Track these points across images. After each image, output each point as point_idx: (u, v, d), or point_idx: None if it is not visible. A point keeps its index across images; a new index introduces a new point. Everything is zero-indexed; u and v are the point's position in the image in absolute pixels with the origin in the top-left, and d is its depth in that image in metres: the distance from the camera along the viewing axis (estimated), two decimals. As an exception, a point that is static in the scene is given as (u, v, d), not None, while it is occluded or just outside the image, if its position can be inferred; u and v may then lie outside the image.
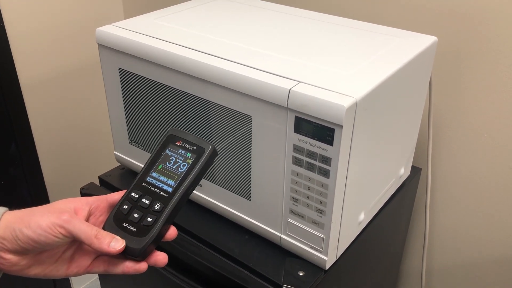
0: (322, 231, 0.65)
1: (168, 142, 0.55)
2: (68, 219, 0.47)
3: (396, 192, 0.85)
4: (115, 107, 0.83)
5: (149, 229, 0.50)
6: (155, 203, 0.51)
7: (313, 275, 0.67)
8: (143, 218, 0.51)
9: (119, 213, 0.52)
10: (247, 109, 0.64)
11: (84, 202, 0.52)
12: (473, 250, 1.00)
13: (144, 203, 0.51)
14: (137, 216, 0.51)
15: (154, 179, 0.53)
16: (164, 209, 0.51)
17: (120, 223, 0.51)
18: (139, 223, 0.51)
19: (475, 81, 0.87)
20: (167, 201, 0.51)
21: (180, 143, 0.54)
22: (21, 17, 1.17)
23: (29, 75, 1.23)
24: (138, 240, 0.50)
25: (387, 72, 0.63)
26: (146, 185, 0.53)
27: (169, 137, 0.55)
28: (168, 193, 0.51)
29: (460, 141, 0.93)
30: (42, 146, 1.32)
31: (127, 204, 0.52)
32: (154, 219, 0.50)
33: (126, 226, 0.51)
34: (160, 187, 0.52)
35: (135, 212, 0.51)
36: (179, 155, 0.53)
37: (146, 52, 0.71)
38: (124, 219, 0.51)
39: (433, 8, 0.87)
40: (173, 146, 0.54)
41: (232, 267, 0.71)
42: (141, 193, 0.52)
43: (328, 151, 0.58)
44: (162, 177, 0.53)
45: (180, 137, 0.54)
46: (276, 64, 0.65)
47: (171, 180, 0.52)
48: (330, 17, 0.84)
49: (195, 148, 0.53)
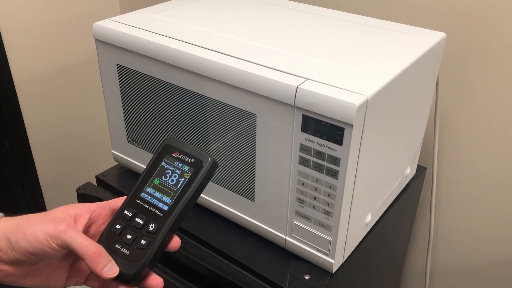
0: (329, 234, 0.63)
1: (164, 152, 0.50)
2: (64, 229, 0.44)
3: (401, 192, 0.84)
4: (113, 105, 0.80)
5: (143, 252, 0.46)
6: (149, 224, 0.47)
7: (319, 279, 0.65)
8: (137, 240, 0.47)
9: (111, 233, 0.48)
10: (252, 107, 0.61)
11: (86, 208, 0.49)
12: (478, 251, 0.99)
13: (138, 223, 0.47)
14: (130, 238, 0.47)
15: (148, 195, 0.49)
16: (159, 230, 0.47)
17: (112, 245, 0.47)
18: (133, 246, 0.47)
19: (482, 79, 0.86)
20: (162, 222, 0.47)
21: (177, 154, 0.49)
22: (15, 12, 1.14)
23: (23, 71, 1.20)
24: (132, 264, 0.46)
25: (397, 69, 0.61)
26: (140, 202, 0.49)
27: (165, 147, 0.50)
28: (163, 212, 0.47)
29: (466, 140, 0.92)
30: (36, 144, 1.29)
31: (119, 223, 0.48)
32: (149, 241, 0.46)
33: (118, 248, 0.47)
34: (155, 205, 0.48)
35: (128, 232, 0.47)
36: (175, 168, 0.49)
37: (146, 48, 0.69)
38: (117, 241, 0.47)
39: (441, 4, 0.85)
40: (170, 158, 0.50)
41: (235, 270, 0.69)
42: (134, 211, 0.48)
43: (337, 151, 0.56)
44: (157, 193, 0.49)
45: (177, 148, 0.50)
46: (283, 60, 0.62)
47: (166, 197, 0.48)
48: (338, 13, 0.82)
49: (193, 161, 0.48)
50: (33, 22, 1.18)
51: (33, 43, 1.20)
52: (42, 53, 1.23)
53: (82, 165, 1.44)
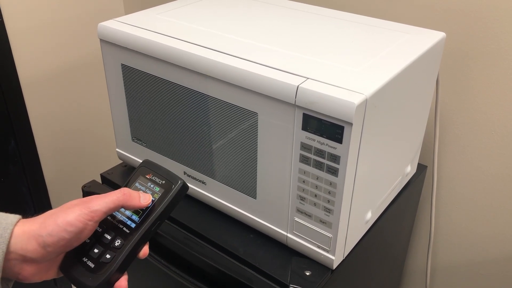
0: (330, 230, 0.64)
1: (139, 174, 0.52)
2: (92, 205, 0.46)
3: (402, 190, 0.84)
4: (118, 104, 0.81)
5: (106, 266, 0.48)
6: (116, 239, 0.49)
7: (320, 275, 0.66)
8: (102, 254, 0.48)
9: (81, 246, 0.49)
10: (253, 106, 0.63)
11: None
12: (478, 248, 0.99)
13: (106, 238, 0.49)
14: (97, 252, 0.49)
15: (119, 213, 0.51)
16: (124, 246, 0.48)
17: (80, 257, 0.49)
18: (98, 259, 0.48)
19: (482, 78, 0.86)
20: (128, 238, 0.48)
21: (150, 176, 0.52)
22: (21, 13, 1.16)
23: (29, 71, 1.22)
24: (94, 277, 0.47)
25: (396, 68, 0.62)
26: (111, 218, 0.50)
27: (140, 169, 0.53)
28: (130, 229, 0.49)
29: (466, 138, 0.92)
30: (42, 143, 1.30)
31: (90, 238, 0.49)
32: (113, 256, 0.48)
33: (85, 262, 0.49)
34: (124, 222, 0.50)
35: (96, 247, 0.49)
36: (147, 189, 0.51)
37: (150, 48, 0.70)
38: (84, 254, 0.49)
39: (441, 4, 0.86)
40: (143, 179, 0.52)
41: (237, 266, 0.70)
42: (104, 226, 0.50)
43: (337, 149, 0.57)
44: (128, 212, 0.50)
45: (151, 170, 0.52)
46: (284, 60, 0.63)
47: (135, 216, 0.50)
48: (338, 13, 0.83)
49: (164, 183, 0.50)
50: (38, 22, 1.20)
51: (39, 43, 1.21)
52: (47, 53, 1.24)
53: (86, 163, 1.46)
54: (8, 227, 0.45)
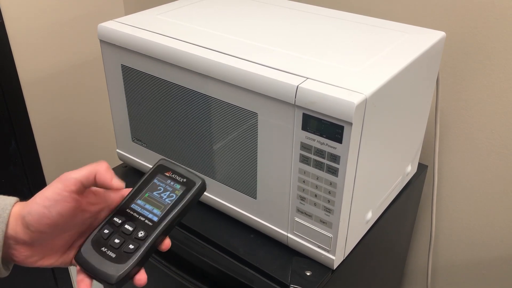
0: (330, 230, 0.64)
1: (157, 171, 0.53)
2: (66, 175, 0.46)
3: (402, 189, 0.84)
4: (118, 105, 0.81)
5: (130, 256, 0.48)
6: (139, 230, 0.49)
7: (320, 275, 0.66)
8: (125, 244, 0.49)
9: (98, 236, 0.50)
10: (253, 106, 0.63)
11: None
12: (479, 248, 0.99)
13: (127, 229, 0.50)
14: (118, 242, 0.49)
15: (139, 207, 0.51)
16: (148, 237, 0.49)
17: (98, 248, 0.49)
18: (120, 249, 0.49)
19: (482, 77, 0.86)
20: (151, 230, 0.49)
21: (169, 173, 0.53)
22: (21, 13, 1.16)
23: (29, 71, 1.22)
24: (117, 266, 0.48)
25: (396, 68, 0.62)
26: (130, 211, 0.51)
27: (158, 167, 0.53)
28: (153, 222, 0.50)
29: (467, 138, 0.92)
30: (42, 143, 1.30)
31: (108, 228, 0.50)
32: (136, 246, 0.48)
33: (105, 251, 0.49)
34: (145, 215, 0.50)
35: (116, 237, 0.49)
36: (167, 186, 0.52)
37: (150, 48, 0.70)
38: (104, 244, 0.49)
39: (441, 3, 0.86)
40: (162, 176, 0.53)
41: (238, 266, 0.70)
42: (124, 219, 0.50)
43: (337, 149, 0.57)
44: (148, 205, 0.51)
45: (170, 168, 0.53)
46: (283, 60, 0.63)
47: (157, 210, 0.51)
48: (338, 13, 0.83)
49: (185, 181, 0.52)
50: (38, 23, 1.20)
51: (39, 44, 1.22)
52: (47, 54, 1.24)
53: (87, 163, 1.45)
54: (7, 208, 0.46)
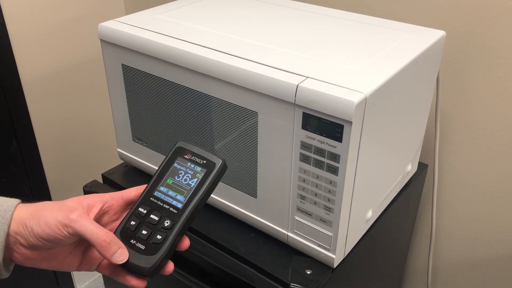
0: (330, 229, 0.64)
1: (176, 154, 0.53)
2: (75, 219, 0.46)
3: (403, 188, 0.84)
4: (118, 104, 0.82)
5: (159, 247, 0.48)
6: (164, 220, 0.49)
7: (321, 274, 0.66)
8: (152, 235, 0.49)
9: (126, 229, 0.50)
10: (253, 105, 0.63)
11: (99, 199, 0.51)
12: (480, 247, 0.99)
13: (153, 219, 0.49)
14: (145, 233, 0.49)
15: (162, 194, 0.51)
16: (174, 226, 0.49)
17: (127, 240, 0.49)
18: (148, 241, 0.49)
19: (482, 76, 0.86)
20: (177, 218, 0.49)
21: (189, 156, 0.52)
22: (22, 13, 1.16)
23: (30, 71, 1.22)
24: (148, 258, 0.48)
25: (396, 67, 0.62)
26: (154, 200, 0.51)
27: (177, 150, 0.53)
28: (178, 209, 0.49)
29: (467, 137, 0.92)
30: (43, 143, 1.31)
31: (134, 220, 0.50)
32: (164, 236, 0.48)
33: (134, 244, 0.49)
34: (169, 203, 0.50)
35: (144, 228, 0.49)
36: (188, 169, 0.51)
37: (150, 48, 0.70)
38: (132, 236, 0.49)
39: (441, 2, 0.86)
40: (182, 160, 0.52)
41: (238, 265, 0.70)
42: (149, 208, 0.50)
43: (336, 148, 0.57)
44: (171, 192, 0.51)
45: (189, 150, 0.52)
46: (283, 59, 0.64)
47: (180, 196, 0.50)
48: (338, 12, 0.83)
49: (205, 162, 0.51)
50: (39, 23, 1.20)
51: (40, 43, 1.22)
52: (48, 54, 1.25)
53: (88, 163, 1.46)
54: (9, 209, 0.46)
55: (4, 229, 0.45)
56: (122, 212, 0.53)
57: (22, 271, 1.33)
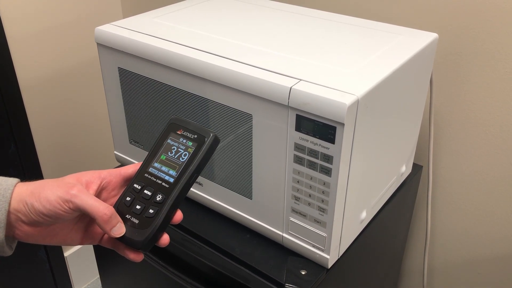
0: (324, 230, 0.64)
1: (169, 131, 0.54)
2: (76, 193, 0.47)
3: (397, 190, 0.85)
4: (115, 107, 0.82)
5: (151, 220, 0.50)
6: (156, 194, 0.51)
7: (315, 274, 0.67)
8: (145, 210, 0.50)
9: (122, 204, 0.52)
10: (248, 107, 0.63)
11: (97, 175, 0.52)
12: (474, 248, 1.00)
13: (146, 194, 0.51)
14: (139, 208, 0.51)
15: (156, 170, 0.52)
16: (166, 200, 0.50)
17: (123, 215, 0.51)
18: (141, 215, 0.50)
19: (475, 78, 0.87)
20: (168, 192, 0.50)
21: (181, 131, 0.53)
22: (20, 17, 1.17)
23: (28, 75, 1.23)
24: (141, 232, 0.50)
25: (388, 69, 0.63)
26: (148, 176, 0.52)
27: (170, 126, 0.54)
28: (169, 184, 0.51)
29: (461, 138, 0.93)
30: (41, 146, 1.31)
31: (129, 195, 0.52)
32: (156, 210, 0.50)
33: (129, 218, 0.51)
34: (162, 178, 0.51)
35: (138, 203, 0.51)
36: (180, 144, 0.52)
37: (146, 51, 0.71)
38: (127, 211, 0.51)
39: (433, 5, 0.87)
40: (175, 135, 0.53)
41: (234, 266, 0.71)
42: (143, 184, 0.52)
43: (329, 149, 0.58)
44: (164, 167, 0.52)
45: (181, 126, 0.53)
46: (277, 62, 0.64)
47: (172, 171, 0.51)
48: (331, 15, 0.84)
49: (196, 137, 0.52)
50: (37, 26, 1.21)
51: (38, 47, 1.22)
52: (46, 57, 1.25)
53: (86, 165, 1.47)
54: (9, 188, 0.47)
55: (5, 207, 0.46)
56: (120, 188, 0.54)
57: (21, 272, 1.34)
